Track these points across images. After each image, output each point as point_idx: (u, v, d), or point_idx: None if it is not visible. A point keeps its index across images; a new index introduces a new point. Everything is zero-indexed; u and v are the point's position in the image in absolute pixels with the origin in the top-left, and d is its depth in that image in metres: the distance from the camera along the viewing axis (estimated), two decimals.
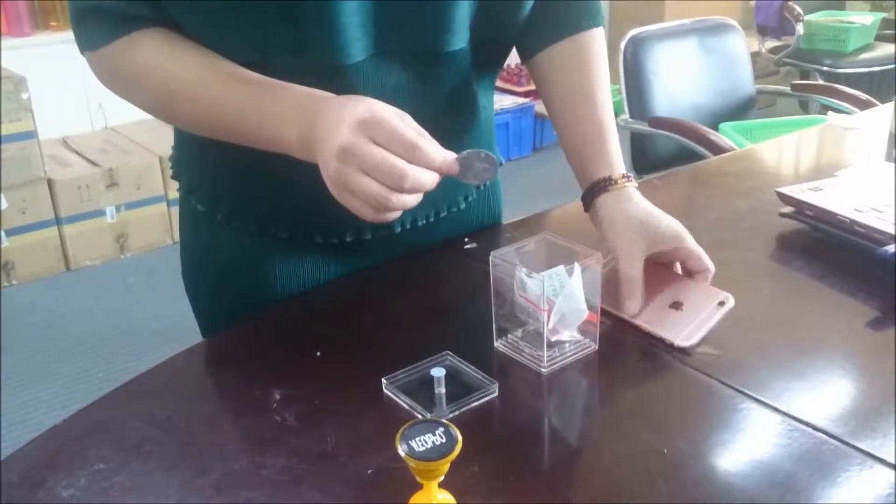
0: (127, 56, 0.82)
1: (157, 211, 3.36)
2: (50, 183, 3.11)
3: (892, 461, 0.66)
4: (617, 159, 0.94)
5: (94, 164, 3.24)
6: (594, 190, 0.92)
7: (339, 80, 0.83)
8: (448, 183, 0.75)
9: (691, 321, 0.85)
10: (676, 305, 0.88)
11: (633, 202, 0.90)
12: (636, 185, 0.93)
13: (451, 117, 0.95)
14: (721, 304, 0.88)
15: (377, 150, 0.70)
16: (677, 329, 0.84)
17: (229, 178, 0.94)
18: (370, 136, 0.70)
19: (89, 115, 3.54)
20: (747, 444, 0.70)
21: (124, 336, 2.73)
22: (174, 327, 1.06)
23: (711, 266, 0.91)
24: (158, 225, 3.38)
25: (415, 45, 0.86)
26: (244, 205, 0.95)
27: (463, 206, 1.04)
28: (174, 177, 1.01)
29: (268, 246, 0.96)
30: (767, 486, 0.64)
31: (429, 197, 0.75)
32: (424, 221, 0.99)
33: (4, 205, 3.02)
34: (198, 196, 0.98)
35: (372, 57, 0.84)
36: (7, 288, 3.09)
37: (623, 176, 0.92)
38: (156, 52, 0.81)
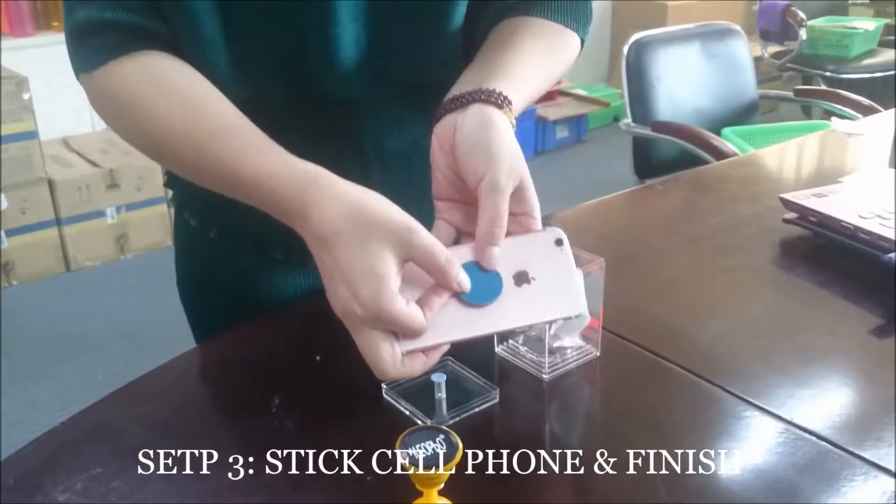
0: (119, 82, 0.74)
1: (158, 212, 3.36)
2: (50, 183, 3.11)
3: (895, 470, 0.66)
4: (519, 95, 0.73)
5: (94, 164, 3.24)
6: (477, 95, 0.70)
7: (338, 113, 0.82)
8: None
9: (559, 284, 0.66)
10: (522, 278, 0.66)
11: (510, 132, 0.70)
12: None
13: None
14: (558, 242, 0.67)
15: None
16: (555, 302, 0.65)
17: (222, 197, 0.91)
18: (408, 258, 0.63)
19: (90, 115, 3.54)
20: (750, 452, 0.69)
21: (124, 337, 2.73)
22: (174, 329, 1.06)
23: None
24: (158, 226, 3.38)
25: (413, 77, 0.84)
26: (237, 224, 0.91)
27: None
28: (167, 185, 0.99)
29: (263, 263, 0.94)
30: (770, 495, 0.63)
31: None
32: None
33: (5, 205, 3.02)
34: (190, 210, 0.96)
35: (371, 90, 0.83)
36: (7, 288, 3.09)
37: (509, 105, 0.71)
38: (146, 84, 0.73)
